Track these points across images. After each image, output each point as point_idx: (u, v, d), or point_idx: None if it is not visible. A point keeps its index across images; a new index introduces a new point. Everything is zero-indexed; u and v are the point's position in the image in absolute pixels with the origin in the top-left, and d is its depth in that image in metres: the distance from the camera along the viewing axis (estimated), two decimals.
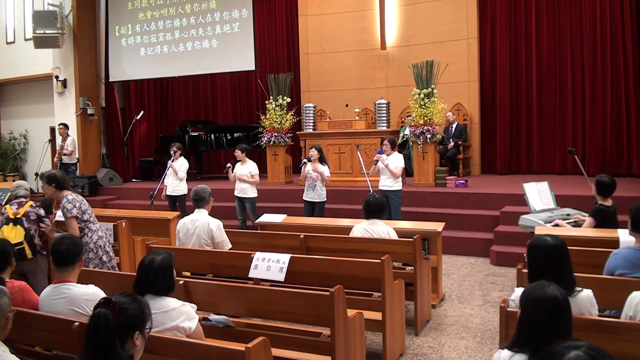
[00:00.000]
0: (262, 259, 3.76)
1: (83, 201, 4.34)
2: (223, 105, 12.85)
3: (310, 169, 6.76)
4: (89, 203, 4.47)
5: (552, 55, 9.78)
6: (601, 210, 4.47)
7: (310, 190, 6.83)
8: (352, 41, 10.93)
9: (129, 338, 1.93)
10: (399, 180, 6.56)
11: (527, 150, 10.10)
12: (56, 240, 2.98)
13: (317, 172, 6.72)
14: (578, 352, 1.36)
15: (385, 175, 6.56)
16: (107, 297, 1.94)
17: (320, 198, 6.81)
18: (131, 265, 5.28)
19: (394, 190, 6.51)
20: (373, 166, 6.69)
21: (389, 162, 6.46)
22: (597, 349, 1.37)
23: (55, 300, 2.80)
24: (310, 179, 6.79)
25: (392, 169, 6.44)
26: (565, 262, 2.52)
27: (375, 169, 6.65)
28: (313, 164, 6.74)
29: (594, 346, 1.38)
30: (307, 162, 6.82)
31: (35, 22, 10.55)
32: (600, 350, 1.37)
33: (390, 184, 6.52)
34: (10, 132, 12.60)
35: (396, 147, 6.75)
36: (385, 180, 6.56)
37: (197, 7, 10.97)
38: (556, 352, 1.40)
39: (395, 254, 4.14)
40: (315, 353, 3.07)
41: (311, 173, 6.76)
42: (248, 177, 7.25)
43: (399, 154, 6.67)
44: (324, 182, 6.79)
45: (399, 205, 6.58)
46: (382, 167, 6.53)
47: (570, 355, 1.36)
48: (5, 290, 2.36)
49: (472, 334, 4.36)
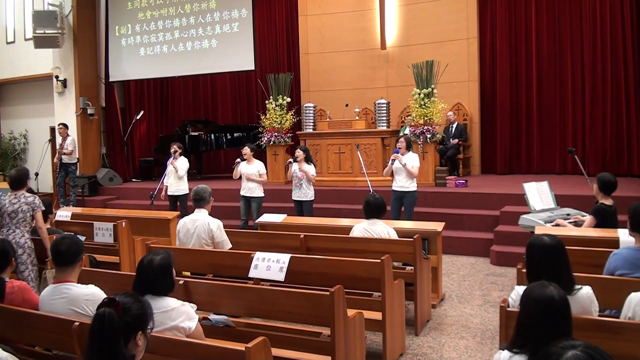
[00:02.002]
0: (262, 259, 3.76)
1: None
2: (223, 105, 12.86)
3: (297, 169, 6.81)
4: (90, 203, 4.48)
5: (552, 55, 9.78)
6: (602, 209, 4.46)
7: (297, 189, 6.92)
8: (352, 41, 10.93)
9: (132, 338, 1.93)
10: (414, 180, 6.49)
11: (527, 150, 10.10)
12: (57, 240, 2.98)
13: (303, 171, 6.78)
14: (575, 352, 1.35)
15: (400, 176, 6.46)
16: (111, 296, 1.94)
17: (307, 197, 6.86)
18: (131, 265, 5.28)
19: (410, 191, 6.45)
20: (388, 166, 6.58)
21: (406, 162, 6.40)
22: (594, 347, 1.37)
23: (55, 300, 2.80)
24: (296, 178, 6.88)
25: (410, 168, 6.37)
26: (563, 261, 2.52)
27: (390, 170, 6.56)
28: (299, 164, 6.79)
29: (591, 345, 1.38)
30: (294, 162, 6.86)
31: (35, 22, 10.55)
32: (598, 349, 1.36)
33: (407, 184, 6.45)
34: (10, 132, 12.59)
35: (412, 146, 6.72)
36: (401, 181, 6.47)
37: (197, 6, 10.98)
38: (553, 352, 1.39)
39: (395, 253, 4.13)
40: (315, 353, 3.07)
41: (297, 172, 6.84)
42: (256, 176, 7.27)
43: (414, 154, 6.62)
44: (310, 182, 6.84)
45: (413, 206, 6.51)
46: (397, 167, 6.45)
47: (567, 355, 1.35)
48: None
49: (472, 334, 4.37)
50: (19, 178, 4.71)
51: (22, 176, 4.75)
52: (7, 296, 2.95)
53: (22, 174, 4.78)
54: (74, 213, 6.26)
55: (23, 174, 4.79)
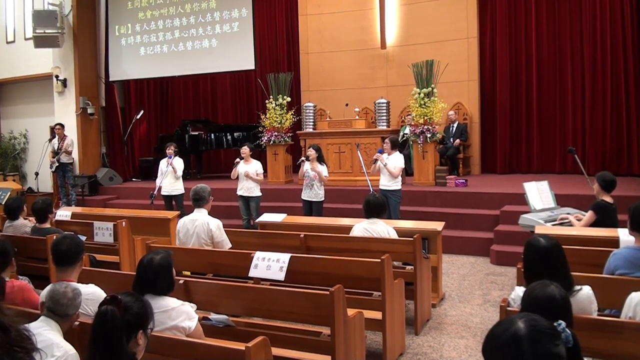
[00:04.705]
0: (262, 259, 3.76)
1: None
2: (223, 104, 12.86)
3: (309, 168, 6.76)
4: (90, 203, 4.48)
5: (552, 54, 9.78)
6: (602, 205, 4.45)
7: (307, 189, 6.83)
8: (352, 40, 10.93)
9: (132, 337, 1.93)
10: (397, 180, 6.57)
11: (527, 150, 10.10)
12: (57, 239, 2.98)
13: (315, 171, 6.71)
14: (519, 324, 1.32)
15: (384, 175, 6.59)
16: (113, 294, 1.94)
17: (318, 197, 6.81)
18: (131, 265, 5.27)
19: (393, 190, 6.54)
20: (373, 165, 6.71)
21: (387, 162, 6.48)
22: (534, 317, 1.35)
23: None
24: (308, 178, 6.79)
25: (390, 168, 6.47)
26: (559, 262, 2.52)
27: (376, 168, 6.68)
28: (311, 163, 6.74)
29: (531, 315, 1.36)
30: (306, 161, 6.82)
31: (35, 22, 10.54)
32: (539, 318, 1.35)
33: (389, 183, 6.55)
34: (10, 131, 12.59)
35: (397, 147, 6.75)
36: (384, 180, 6.60)
37: (197, 6, 10.98)
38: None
39: (395, 253, 4.14)
40: (315, 352, 3.07)
41: (309, 172, 6.76)
42: (254, 176, 7.27)
43: (399, 154, 6.67)
44: (322, 182, 6.79)
45: (397, 205, 6.60)
46: (381, 166, 6.56)
47: (513, 327, 1.32)
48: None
49: (472, 333, 4.37)
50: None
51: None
52: (7, 295, 2.95)
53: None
54: (74, 213, 6.26)
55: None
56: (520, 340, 1.27)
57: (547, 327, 1.32)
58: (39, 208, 4.85)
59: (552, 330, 1.33)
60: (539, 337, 1.29)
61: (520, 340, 1.27)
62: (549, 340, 1.29)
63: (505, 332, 1.31)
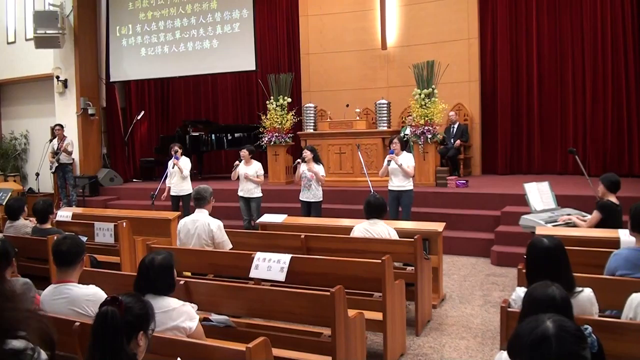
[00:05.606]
0: (262, 259, 3.76)
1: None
2: (224, 105, 12.86)
3: (305, 169, 6.76)
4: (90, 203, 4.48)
5: (553, 55, 9.78)
6: (608, 205, 4.44)
7: (305, 190, 6.84)
8: (352, 41, 10.93)
9: (133, 338, 1.93)
10: (410, 180, 6.56)
11: (528, 150, 10.09)
12: (58, 240, 2.98)
13: (312, 172, 6.72)
14: (547, 323, 1.34)
15: (397, 176, 6.54)
16: (114, 295, 1.94)
17: (316, 198, 6.81)
18: (132, 266, 5.28)
19: (407, 190, 6.52)
20: (383, 167, 6.67)
21: (402, 162, 6.46)
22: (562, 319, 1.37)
23: (56, 300, 2.80)
24: (305, 179, 6.80)
25: (406, 168, 6.45)
26: (561, 263, 2.52)
27: (386, 170, 6.63)
28: (308, 164, 6.75)
29: (559, 317, 1.38)
30: (302, 163, 6.82)
31: (36, 22, 10.55)
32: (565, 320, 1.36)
33: (403, 183, 6.52)
34: (11, 132, 12.59)
35: (405, 146, 6.76)
36: (398, 181, 6.54)
37: (198, 7, 10.98)
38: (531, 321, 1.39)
39: (396, 254, 4.13)
40: (316, 353, 3.07)
41: (306, 173, 6.77)
42: (254, 177, 7.27)
43: (408, 153, 6.70)
44: (320, 182, 6.79)
45: (410, 205, 6.58)
46: (393, 167, 6.50)
47: (542, 326, 1.34)
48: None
49: (473, 334, 4.36)
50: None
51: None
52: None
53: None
54: (75, 213, 6.26)
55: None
56: (549, 340, 1.28)
57: (575, 330, 1.33)
58: (40, 209, 4.85)
59: (580, 333, 1.34)
60: (567, 339, 1.29)
61: (549, 340, 1.28)
62: (576, 342, 1.30)
63: (534, 331, 1.32)
